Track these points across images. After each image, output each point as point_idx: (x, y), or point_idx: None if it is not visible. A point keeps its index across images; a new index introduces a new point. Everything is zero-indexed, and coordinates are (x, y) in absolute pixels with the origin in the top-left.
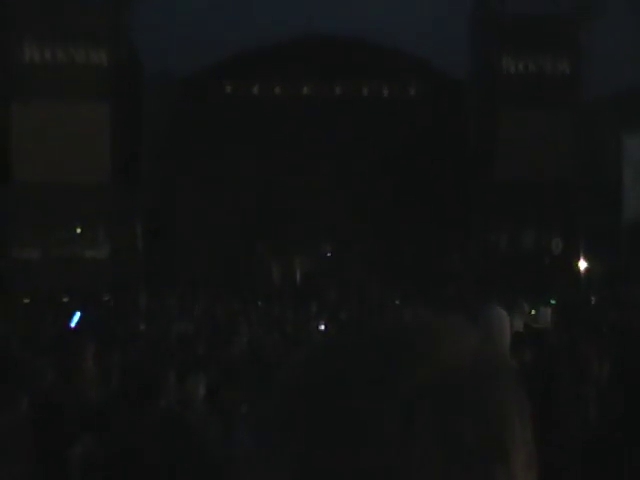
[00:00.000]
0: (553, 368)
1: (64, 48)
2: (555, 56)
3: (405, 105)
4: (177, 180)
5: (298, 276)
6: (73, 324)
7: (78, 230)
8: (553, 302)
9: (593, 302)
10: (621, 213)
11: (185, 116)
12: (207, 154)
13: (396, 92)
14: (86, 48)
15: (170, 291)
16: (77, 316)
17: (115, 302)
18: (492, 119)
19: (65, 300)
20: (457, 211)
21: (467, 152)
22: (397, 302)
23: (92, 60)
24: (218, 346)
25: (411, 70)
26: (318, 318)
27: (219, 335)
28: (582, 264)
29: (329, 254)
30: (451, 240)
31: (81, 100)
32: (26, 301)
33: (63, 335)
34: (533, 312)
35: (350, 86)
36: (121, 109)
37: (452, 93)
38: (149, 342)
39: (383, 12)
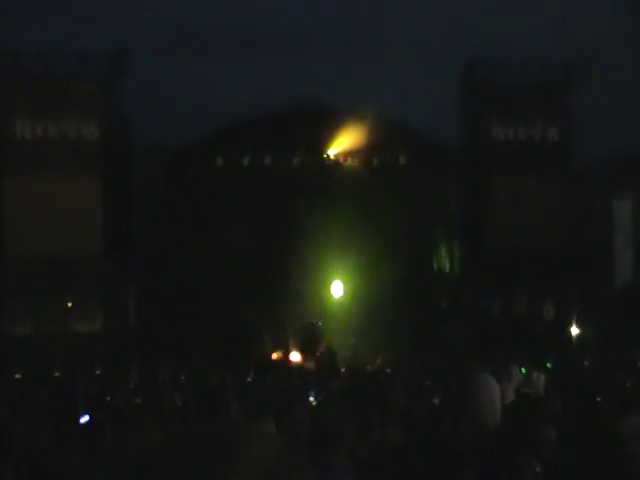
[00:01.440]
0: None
1: (55, 123)
2: (544, 123)
3: (395, 174)
4: (169, 253)
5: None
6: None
7: (69, 304)
8: (549, 366)
9: (585, 367)
10: (612, 278)
11: (176, 189)
12: (199, 226)
13: (386, 161)
14: (77, 123)
15: (162, 364)
16: (85, 419)
17: (107, 376)
18: (482, 186)
19: (57, 375)
20: (448, 278)
21: (458, 219)
22: (388, 370)
23: (83, 135)
24: (208, 418)
25: (401, 139)
26: (309, 389)
27: (209, 408)
28: (574, 330)
29: (320, 324)
30: (442, 307)
31: (72, 175)
32: (17, 376)
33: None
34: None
35: (340, 156)
36: (112, 183)
37: (442, 161)
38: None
39: (371, 82)
